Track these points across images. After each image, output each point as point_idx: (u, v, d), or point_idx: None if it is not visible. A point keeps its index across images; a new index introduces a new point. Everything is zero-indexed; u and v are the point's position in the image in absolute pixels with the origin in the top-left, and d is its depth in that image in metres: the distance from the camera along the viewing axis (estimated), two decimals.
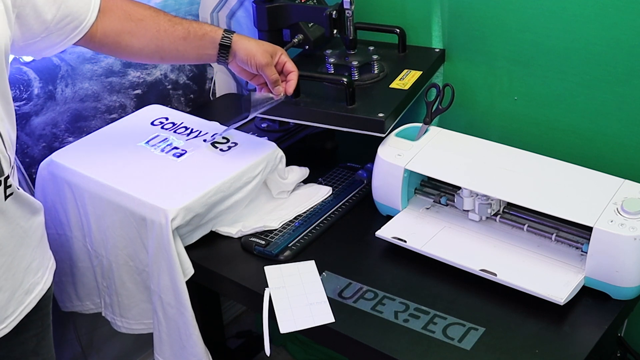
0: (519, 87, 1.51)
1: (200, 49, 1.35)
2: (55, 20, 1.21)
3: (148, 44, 1.33)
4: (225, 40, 1.34)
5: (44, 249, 1.27)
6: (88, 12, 1.26)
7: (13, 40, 1.15)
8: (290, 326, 1.21)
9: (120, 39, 1.31)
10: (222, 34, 1.34)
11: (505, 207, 1.34)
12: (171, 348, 1.39)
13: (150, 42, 1.33)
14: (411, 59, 1.59)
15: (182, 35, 1.33)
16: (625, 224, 1.16)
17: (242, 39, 1.35)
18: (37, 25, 1.18)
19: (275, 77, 1.36)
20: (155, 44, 1.33)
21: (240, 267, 1.35)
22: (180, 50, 1.34)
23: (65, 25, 1.23)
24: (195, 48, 1.35)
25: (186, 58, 1.40)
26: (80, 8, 1.25)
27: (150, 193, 1.35)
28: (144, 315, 1.45)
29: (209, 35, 1.34)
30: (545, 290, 1.18)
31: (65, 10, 1.22)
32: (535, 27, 1.43)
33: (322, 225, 1.42)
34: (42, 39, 1.21)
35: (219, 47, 1.34)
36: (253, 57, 1.33)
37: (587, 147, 1.45)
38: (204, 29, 1.35)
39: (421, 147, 1.39)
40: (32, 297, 1.21)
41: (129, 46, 1.33)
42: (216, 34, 1.34)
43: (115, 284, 1.44)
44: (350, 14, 1.48)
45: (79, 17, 1.25)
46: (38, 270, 1.23)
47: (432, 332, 1.16)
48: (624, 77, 1.36)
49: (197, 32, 1.34)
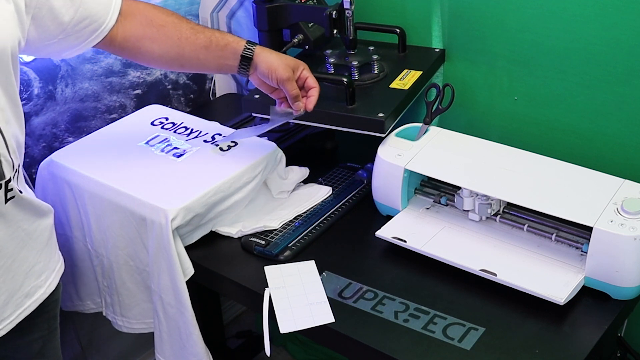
0: (519, 87, 1.51)
1: (221, 59, 1.33)
2: (72, 22, 1.20)
3: (168, 51, 1.31)
4: (247, 52, 1.31)
5: (50, 251, 1.26)
6: (107, 15, 1.25)
7: (29, 41, 1.15)
8: (290, 326, 1.21)
9: (141, 44, 1.30)
10: (244, 45, 1.31)
11: (505, 207, 1.34)
12: (172, 347, 1.39)
13: (171, 49, 1.31)
14: (411, 59, 1.59)
15: (203, 44, 1.31)
16: (625, 224, 1.16)
17: (264, 51, 1.32)
18: (53, 27, 1.17)
19: (296, 92, 1.33)
20: (175, 51, 1.31)
21: (240, 267, 1.35)
22: (201, 59, 1.32)
23: (83, 27, 1.22)
24: (216, 58, 1.33)
25: (206, 67, 1.37)
26: (99, 11, 1.24)
27: (150, 193, 1.35)
28: (144, 314, 1.45)
29: (231, 46, 1.32)
30: (545, 290, 1.18)
31: (84, 13, 1.21)
32: (535, 27, 1.43)
33: (322, 225, 1.42)
34: (59, 40, 1.20)
35: (240, 59, 1.31)
36: (274, 71, 1.30)
37: (587, 147, 1.45)
38: (227, 39, 1.32)
39: (421, 147, 1.39)
40: (33, 300, 1.21)
41: (149, 52, 1.31)
42: (238, 45, 1.32)
43: (116, 284, 1.44)
44: (350, 14, 1.48)
45: (97, 20, 1.24)
46: (41, 273, 1.23)
47: (432, 332, 1.16)
48: (624, 77, 1.36)
49: (219, 42, 1.32)
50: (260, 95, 1.50)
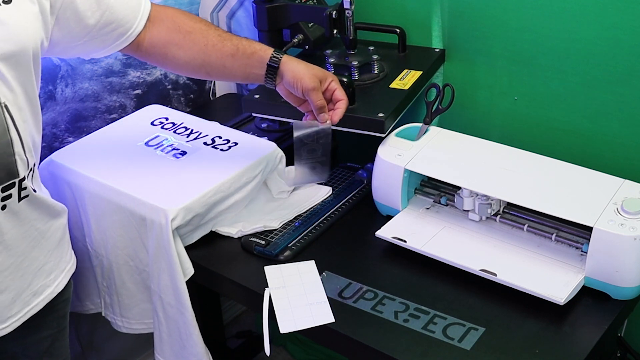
0: (519, 87, 1.51)
1: (248, 67, 1.30)
2: (98, 25, 1.20)
3: (195, 58, 1.30)
4: (274, 60, 1.28)
5: (62, 251, 1.26)
6: (135, 20, 1.25)
7: (53, 42, 1.15)
8: (290, 326, 1.21)
9: (167, 50, 1.29)
10: (271, 53, 1.28)
11: (505, 207, 1.34)
12: (171, 348, 1.39)
13: (197, 56, 1.29)
14: (411, 59, 1.59)
15: (230, 51, 1.29)
16: (625, 224, 1.16)
17: (291, 60, 1.29)
18: (78, 29, 1.17)
19: (321, 102, 1.29)
20: (202, 58, 1.29)
21: (240, 267, 1.35)
22: (227, 66, 1.30)
23: (110, 31, 1.22)
24: (242, 66, 1.30)
25: (232, 75, 1.34)
26: (127, 15, 1.23)
27: (150, 193, 1.35)
28: (144, 314, 1.45)
29: (257, 54, 1.29)
30: (545, 290, 1.18)
31: (110, 17, 1.21)
32: (535, 27, 1.43)
33: (322, 225, 1.42)
34: (84, 42, 1.21)
35: (266, 67, 1.28)
36: (300, 80, 1.27)
37: (587, 147, 1.45)
38: (253, 47, 1.30)
39: (421, 147, 1.39)
40: (40, 299, 1.21)
41: (175, 58, 1.30)
42: (265, 53, 1.29)
43: (116, 284, 1.44)
44: (350, 14, 1.48)
45: (125, 25, 1.24)
46: (51, 272, 1.23)
47: (432, 332, 1.16)
48: (624, 77, 1.36)
49: (245, 50, 1.29)
50: (260, 95, 1.50)
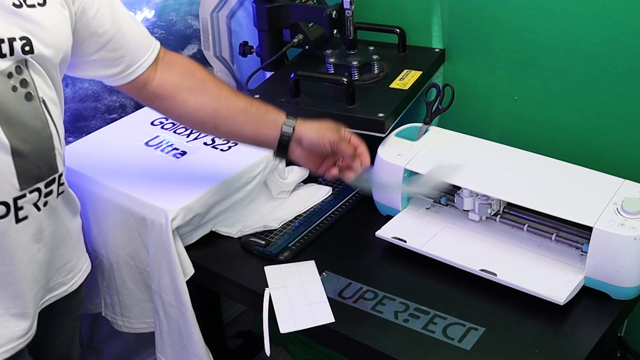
0: (519, 87, 1.51)
1: (260, 126, 1.23)
2: (109, 46, 1.17)
3: (205, 106, 1.23)
4: (289, 123, 1.22)
5: (80, 250, 1.27)
6: (145, 54, 1.21)
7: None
8: (290, 326, 1.21)
9: (177, 93, 1.23)
10: (285, 116, 1.23)
11: (505, 207, 1.34)
12: (172, 347, 1.39)
13: (208, 104, 1.23)
14: (411, 59, 1.59)
15: (243, 106, 1.23)
16: (625, 224, 1.16)
17: (305, 121, 1.24)
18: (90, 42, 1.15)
19: (352, 150, 1.23)
20: (213, 107, 1.23)
21: (240, 267, 1.35)
22: (238, 121, 1.23)
23: (119, 57, 1.18)
24: (254, 124, 1.23)
25: (241, 133, 1.25)
26: (137, 45, 1.20)
27: (150, 193, 1.35)
28: (145, 314, 1.45)
29: (271, 114, 1.24)
30: (545, 290, 1.18)
31: (122, 41, 1.17)
32: (535, 27, 1.43)
33: (322, 225, 1.42)
34: (93, 61, 1.18)
35: (281, 130, 1.22)
36: (324, 136, 1.21)
37: (587, 147, 1.45)
38: (267, 107, 1.25)
39: (421, 147, 1.39)
40: (53, 294, 1.21)
41: (184, 103, 1.23)
42: (278, 115, 1.23)
43: (116, 284, 1.44)
44: (350, 14, 1.48)
45: (134, 54, 1.20)
46: (70, 271, 1.23)
47: (432, 332, 1.16)
48: (624, 77, 1.36)
49: (259, 108, 1.24)
50: (260, 96, 1.50)
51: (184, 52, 1.86)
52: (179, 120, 1.31)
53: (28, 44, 1.01)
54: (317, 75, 1.50)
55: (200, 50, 1.90)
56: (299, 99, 1.46)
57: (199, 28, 1.88)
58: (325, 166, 1.27)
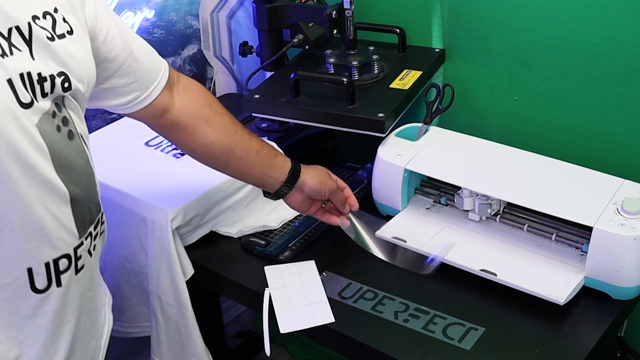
0: (519, 87, 1.51)
1: (268, 169, 1.23)
2: (121, 70, 1.07)
3: (222, 140, 1.19)
4: (296, 170, 1.24)
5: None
6: (158, 75, 1.13)
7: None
8: (290, 326, 1.21)
9: (197, 123, 1.17)
10: (291, 162, 1.25)
11: (505, 207, 1.34)
12: (170, 349, 1.39)
13: (225, 140, 1.19)
14: (411, 59, 1.59)
15: (256, 147, 1.22)
16: (625, 224, 1.16)
17: (306, 169, 1.26)
18: (102, 67, 1.04)
19: (343, 197, 1.30)
20: (229, 143, 1.19)
21: (240, 267, 1.35)
22: (249, 161, 1.22)
23: (133, 81, 1.09)
24: (263, 165, 1.23)
25: (249, 173, 1.24)
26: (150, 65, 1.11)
27: (150, 193, 1.35)
28: (138, 318, 1.45)
29: (279, 158, 1.25)
30: (545, 290, 1.18)
31: (134, 64, 1.08)
32: (535, 27, 1.43)
33: (322, 225, 1.42)
34: (107, 90, 1.08)
35: (287, 175, 1.24)
36: (325, 185, 1.26)
37: (587, 147, 1.45)
38: (276, 151, 1.27)
39: (421, 147, 1.39)
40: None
41: (202, 135, 1.18)
42: (286, 160, 1.25)
43: (110, 288, 1.43)
44: (350, 14, 1.48)
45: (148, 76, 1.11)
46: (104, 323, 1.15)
47: (432, 332, 1.16)
48: (624, 77, 1.36)
49: (269, 151, 1.24)
50: (260, 95, 1.50)
51: (183, 52, 1.86)
52: (191, 152, 1.24)
53: (67, 80, 0.91)
54: (317, 75, 1.50)
55: (200, 50, 1.90)
56: (299, 99, 1.46)
57: (199, 28, 1.88)
58: (314, 209, 1.31)
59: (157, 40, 1.78)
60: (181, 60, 1.87)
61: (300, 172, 1.25)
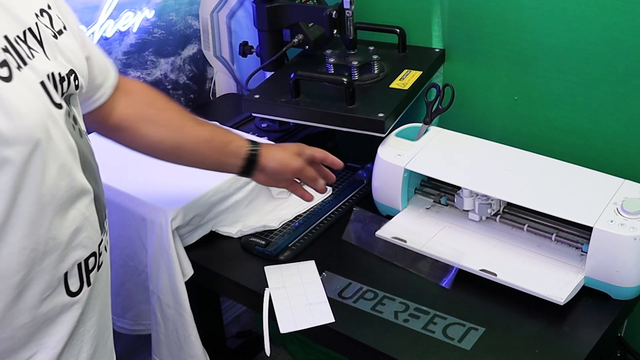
0: (519, 87, 1.51)
1: (223, 157, 1.23)
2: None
3: (168, 138, 1.18)
4: (252, 154, 1.23)
5: None
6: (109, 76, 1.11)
7: None
8: (290, 326, 1.21)
9: (140, 125, 1.16)
10: (248, 145, 1.23)
11: (505, 207, 1.34)
12: (169, 349, 1.39)
13: (172, 137, 1.18)
14: (411, 59, 1.59)
15: (206, 137, 1.21)
16: (625, 224, 1.16)
17: (268, 149, 1.25)
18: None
19: (312, 174, 1.28)
20: (176, 139, 1.19)
21: (240, 267, 1.35)
22: (201, 153, 1.21)
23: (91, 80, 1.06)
24: (217, 154, 1.22)
25: (204, 163, 1.24)
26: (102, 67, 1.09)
27: (150, 193, 1.35)
28: (142, 316, 1.45)
29: (234, 144, 1.23)
30: (545, 290, 1.18)
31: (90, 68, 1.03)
32: (535, 27, 1.43)
33: (322, 225, 1.42)
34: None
35: (246, 160, 1.23)
36: (288, 165, 1.25)
37: (587, 147, 1.45)
38: (230, 136, 1.24)
39: (421, 147, 1.39)
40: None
41: (147, 135, 1.17)
42: (241, 144, 1.23)
43: (114, 285, 1.44)
44: (350, 14, 1.48)
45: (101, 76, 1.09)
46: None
47: (432, 332, 1.16)
48: (624, 77, 1.36)
49: (222, 138, 1.23)
50: (260, 95, 1.50)
51: (183, 52, 1.86)
52: (140, 152, 1.22)
53: (76, 77, 0.90)
54: (317, 75, 1.50)
55: (200, 50, 1.90)
56: (299, 99, 1.46)
57: (199, 28, 1.88)
58: (284, 184, 1.31)
59: (157, 40, 1.78)
60: (181, 60, 1.87)
61: (258, 156, 1.23)
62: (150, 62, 1.79)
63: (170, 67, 1.84)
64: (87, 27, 1.59)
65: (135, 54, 1.74)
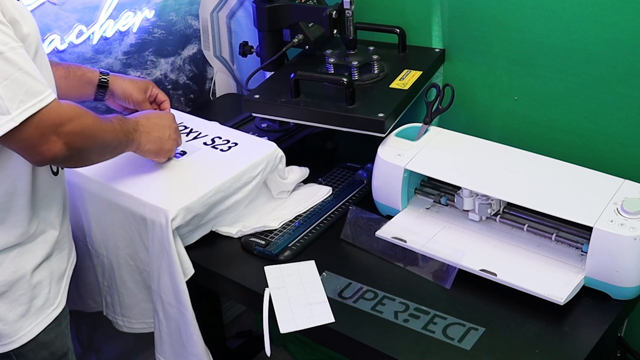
0: (519, 87, 1.51)
1: (79, 89, 1.45)
2: None
3: None
4: (103, 81, 1.47)
5: None
6: None
7: None
8: (290, 326, 1.21)
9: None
10: (98, 75, 1.47)
11: (505, 207, 1.34)
12: (172, 347, 1.39)
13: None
14: (411, 59, 1.59)
15: (63, 74, 1.40)
16: (625, 224, 1.16)
17: (117, 79, 1.49)
18: None
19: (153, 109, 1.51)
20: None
21: (240, 267, 1.35)
22: (62, 88, 1.33)
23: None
24: (74, 87, 1.43)
25: (67, 96, 1.33)
26: None
27: (150, 193, 1.35)
28: (145, 314, 1.45)
29: (86, 76, 1.45)
30: (545, 290, 1.18)
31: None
32: (535, 27, 1.43)
33: (322, 225, 1.42)
34: None
35: (96, 88, 1.47)
36: (130, 96, 1.49)
37: (587, 147, 1.45)
38: (82, 70, 1.46)
39: (421, 147, 1.39)
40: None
41: None
42: (93, 75, 1.46)
43: (116, 284, 1.44)
44: (350, 14, 1.48)
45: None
46: None
47: (432, 332, 1.16)
48: (624, 77, 1.36)
49: (76, 73, 1.44)
50: (260, 95, 1.50)
51: (183, 52, 1.87)
52: None
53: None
54: (317, 75, 1.50)
55: (200, 50, 1.90)
56: (299, 99, 1.46)
57: (199, 28, 1.88)
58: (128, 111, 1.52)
59: (157, 40, 1.78)
60: (181, 60, 1.87)
61: (108, 82, 1.48)
62: (150, 62, 1.79)
63: (170, 67, 1.84)
64: (87, 27, 1.59)
65: (135, 54, 1.74)
